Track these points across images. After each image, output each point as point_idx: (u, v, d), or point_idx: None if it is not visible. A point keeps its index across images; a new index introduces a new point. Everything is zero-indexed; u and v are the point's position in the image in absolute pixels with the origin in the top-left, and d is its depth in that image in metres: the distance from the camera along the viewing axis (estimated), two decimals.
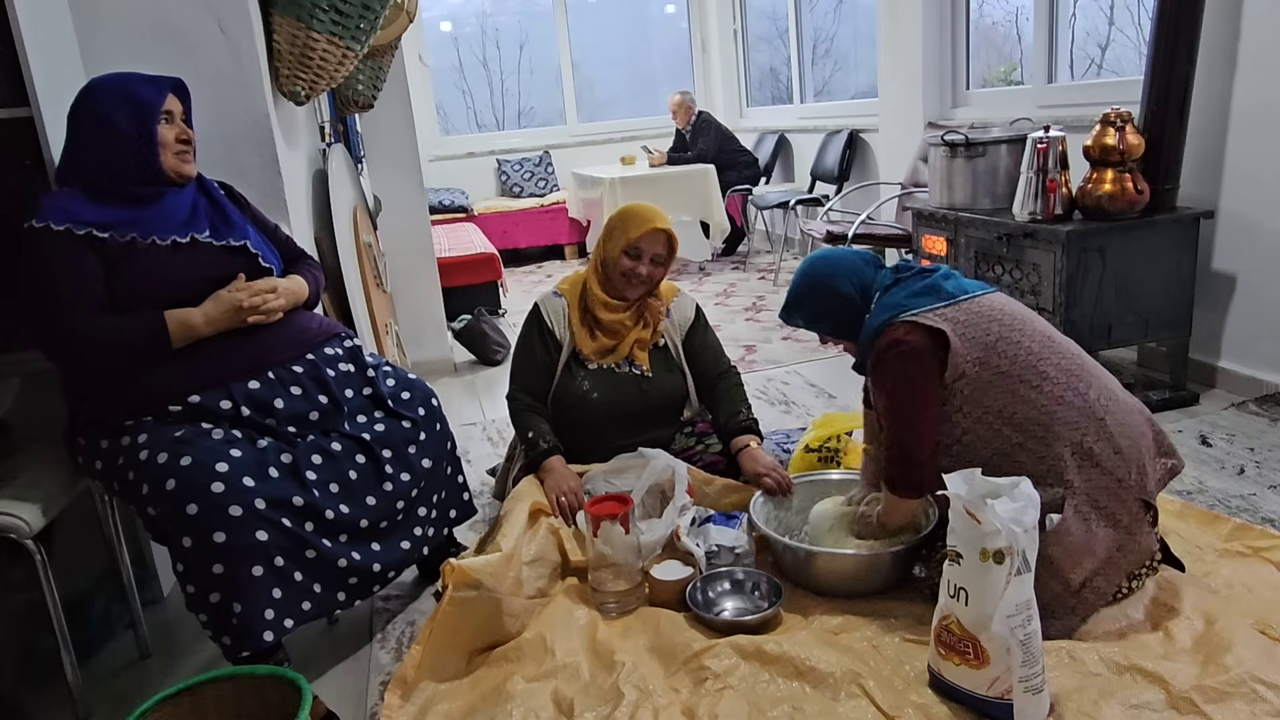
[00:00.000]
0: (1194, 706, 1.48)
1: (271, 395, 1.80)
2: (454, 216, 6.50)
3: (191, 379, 1.73)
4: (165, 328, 1.70)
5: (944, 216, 3.24)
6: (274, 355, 1.83)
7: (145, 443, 1.67)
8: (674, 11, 7.93)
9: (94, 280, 1.69)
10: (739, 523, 2.09)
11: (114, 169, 1.74)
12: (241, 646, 1.65)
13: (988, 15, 4.86)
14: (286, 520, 1.68)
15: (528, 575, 1.96)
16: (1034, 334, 1.78)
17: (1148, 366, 3.16)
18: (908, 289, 1.82)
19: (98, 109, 1.73)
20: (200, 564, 1.61)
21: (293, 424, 1.81)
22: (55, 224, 1.67)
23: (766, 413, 3.16)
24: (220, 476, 1.62)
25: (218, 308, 1.75)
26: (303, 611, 1.71)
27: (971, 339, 1.73)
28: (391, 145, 3.80)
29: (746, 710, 1.56)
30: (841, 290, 1.90)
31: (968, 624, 1.48)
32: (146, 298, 1.72)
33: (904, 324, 1.75)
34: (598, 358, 2.33)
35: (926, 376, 1.73)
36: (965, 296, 1.79)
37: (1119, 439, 1.72)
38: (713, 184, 5.81)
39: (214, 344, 1.76)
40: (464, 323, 4.17)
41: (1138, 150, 2.72)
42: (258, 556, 1.63)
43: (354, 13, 2.40)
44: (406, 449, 1.92)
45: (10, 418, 2.01)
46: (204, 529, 1.60)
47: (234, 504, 1.61)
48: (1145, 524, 1.74)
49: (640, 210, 2.32)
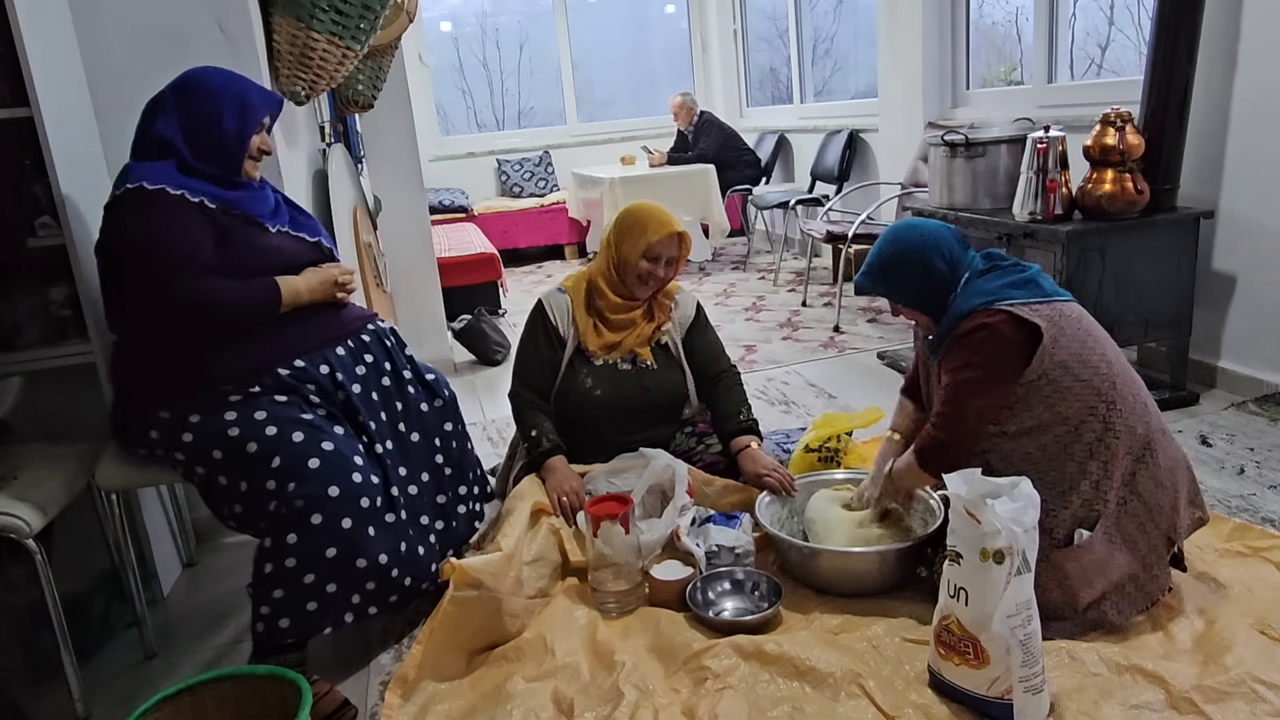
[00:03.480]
0: (1194, 706, 1.48)
1: (354, 362, 1.92)
2: (454, 216, 6.50)
3: (296, 342, 1.83)
4: (280, 291, 1.79)
5: (944, 216, 3.24)
6: (348, 325, 1.95)
7: (270, 419, 1.73)
8: (674, 11, 7.93)
9: (209, 245, 1.76)
10: (739, 523, 2.09)
11: (205, 153, 1.81)
12: (310, 628, 1.71)
13: (988, 15, 4.86)
14: (390, 516, 1.81)
15: (528, 575, 1.96)
16: (1113, 353, 1.76)
17: (1148, 366, 3.16)
18: (1005, 278, 1.77)
19: (214, 99, 1.82)
20: (318, 544, 1.68)
21: (373, 390, 1.92)
22: (171, 188, 1.73)
23: (766, 413, 3.16)
24: (358, 469, 1.75)
25: (316, 278, 1.88)
26: (387, 603, 1.82)
27: (1061, 343, 1.69)
28: (391, 145, 3.80)
29: (746, 710, 1.56)
30: (934, 263, 1.82)
31: (968, 624, 1.48)
32: (251, 271, 1.79)
33: (1000, 311, 1.70)
34: (603, 353, 2.33)
35: (1006, 365, 1.69)
36: (1060, 298, 1.76)
37: (1163, 475, 1.72)
38: (713, 184, 5.81)
39: (306, 313, 1.86)
40: (464, 323, 4.17)
41: (1138, 150, 2.72)
42: (368, 550, 1.74)
43: (354, 13, 2.40)
44: (443, 427, 2.06)
45: (10, 418, 2.01)
46: (337, 512, 1.69)
47: (364, 496, 1.74)
48: (1164, 561, 1.74)
49: (655, 213, 2.31)
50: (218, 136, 1.81)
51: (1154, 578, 1.72)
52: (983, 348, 1.70)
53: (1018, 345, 1.69)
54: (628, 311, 2.35)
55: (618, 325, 2.35)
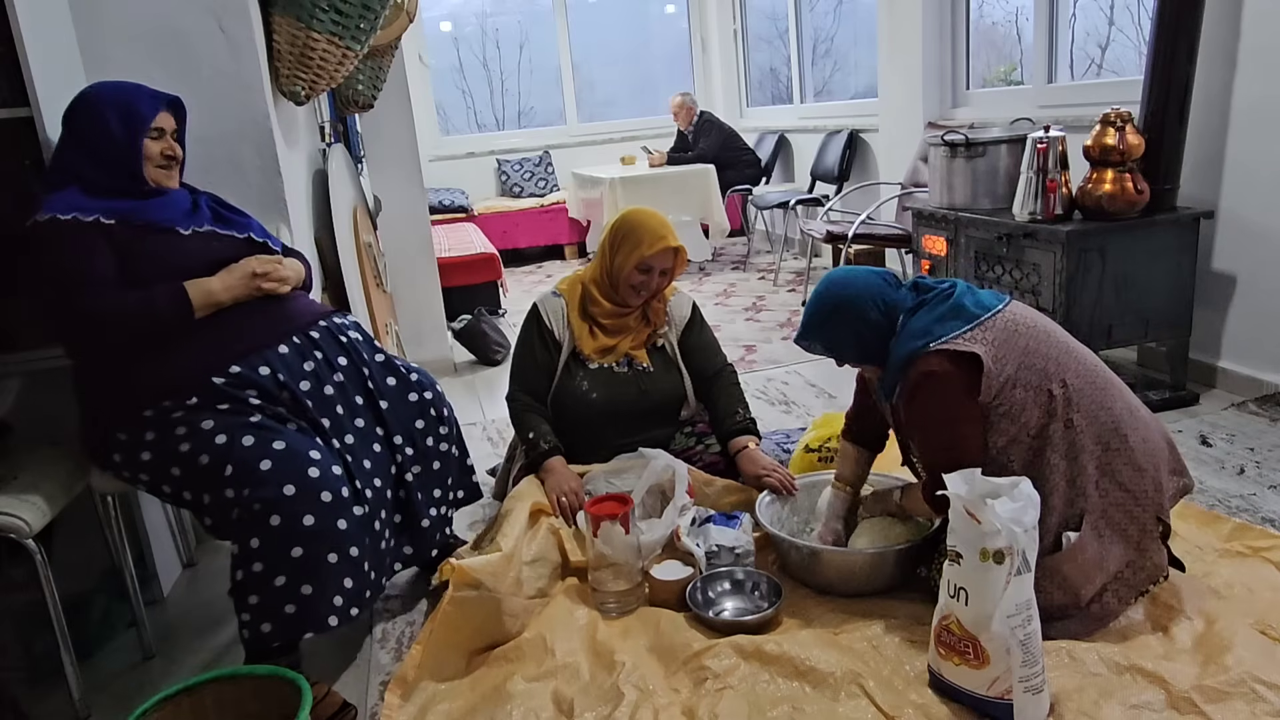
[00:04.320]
0: (1194, 706, 1.48)
1: (301, 360, 1.85)
2: (454, 216, 6.50)
3: (227, 348, 1.78)
4: (187, 294, 1.75)
5: (944, 216, 3.24)
6: (293, 322, 1.89)
7: (219, 428, 1.70)
8: (674, 11, 7.93)
9: (106, 261, 1.73)
10: (739, 523, 2.09)
11: (105, 168, 1.79)
12: (294, 630, 1.66)
13: (988, 15, 4.86)
14: (357, 509, 1.75)
15: (528, 575, 1.96)
16: (1058, 347, 1.74)
17: (1148, 366, 3.16)
18: (933, 313, 1.75)
19: (95, 110, 1.78)
20: (280, 545, 1.64)
21: (326, 385, 1.86)
22: (61, 214, 1.71)
23: (766, 413, 3.16)
24: (315, 463, 1.69)
25: (232, 275, 1.81)
26: (366, 600, 1.77)
27: (1002, 359, 1.68)
28: (391, 145, 3.80)
29: (746, 710, 1.56)
30: (866, 314, 1.79)
31: (968, 624, 1.48)
32: (163, 278, 1.76)
33: (935, 354, 1.69)
34: (598, 356, 2.33)
35: (963, 405, 1.68)
36: (988, 314, 1.73)
37: (1139, 456, 1.71)
38: (712, 184, 5.81)
39: (237, 313, 1.81)
40: (464, 323, 4.17)
41: (1138, 150, 2.72)
42: (337, 543, 1.69)
43: (354, 13, 2.40)
44: (414, 424, 1.99)
45: (10, 418, 2.01)
46: (295, 511, 1.65)
47: (325, 490, 1.68)
48: (1157, 540, 1.73)
49: (651, 225, 2.29)
50: (107, 145, 1.77)
51: (1150, 558, 1.72)
52: (937, 399, 1.69)
53: (966, 379, 1.67)
54: (621, 317, 2.35)
55: (613, 329, 2.34)
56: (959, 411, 1.68)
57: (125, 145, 1.78)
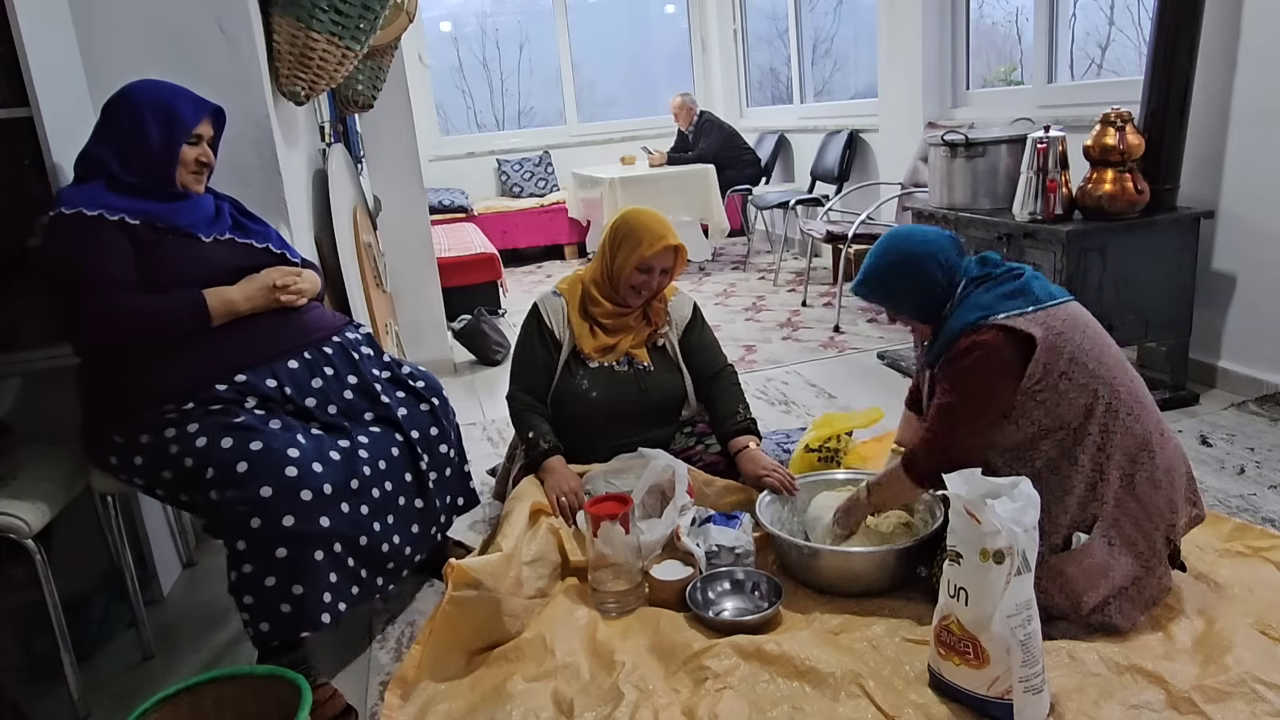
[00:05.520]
0: (1194, 706, 1.48)
1: (310, 375, 1.85)
2: (454, 216, 6.50)
3: (236, 357, 1.78)
4: (206, 303, 1.75)
5: (944, 216, 3.24)
6: (307, 335, 1.89)
7: (201, 430, 1.69)
8: (674, 11, 7.93)
9: (126, 262, 1.73)
10: (739, 523, 2.09)
11: (135, 169, 1.78)
12: (291, 630, 1.66)
13: (988, 15, 4.86)
14: (345, 506, 1.74)
15: (528, 575, 1.96)
16: (1111, 355, 1.75)
17: (1148, 366, 3.16)
18: (998, 289, 1.74)
19: (136, 111, 1.78)
20: (264, 547, 1.64)
21: (331, 404, 1.86)
22: (87, 210, 1.70)
23: (766, 413, 3.16)
24: (293, 461, 1.67)
25: (252, 285, 1.81)
26: (353, 596, 1.76)
27: (1057, 347, 1.68)
28: (391, 145, 3.80)
29: (746, 710, 1.56)
30: (931, 272, 1.79)
31: (968, 624, 1.48)
32: (182, 283, 1.76)
33: (993, 328, 1.68)
34: (599, 355, 2.33)
35: (1001, 383, 1.67)
36: (1054, 302, 1.73)
37: (1160, 475, 1.71)
38: (712, 184, 5.81)
39: (252, 323, 1.81)
40: (464, 323, 4.17)
41: (1138, 150, 2.72)
42: (321, 541, 1.68)
43: (354, 13, 2.40)
44: (429, 431, 1.99)
45: (10, 418, 2.01)
46: (274, 512, 1.64)
47: (305, 489, 1.66)
48: (1165, 563, 1.74)
49: (651, 224, 2.29)
50: (144, 150, 1.77)
51: (1156, 578, 1.72)
52: (977, 369, 1.68)
53: (1013, 360, 1.67)
54: (621, 317, 2.35)
55: (613, 329, 2.34)
56: (991, 387, 1.68)
57: (162, 149, 1.78)
